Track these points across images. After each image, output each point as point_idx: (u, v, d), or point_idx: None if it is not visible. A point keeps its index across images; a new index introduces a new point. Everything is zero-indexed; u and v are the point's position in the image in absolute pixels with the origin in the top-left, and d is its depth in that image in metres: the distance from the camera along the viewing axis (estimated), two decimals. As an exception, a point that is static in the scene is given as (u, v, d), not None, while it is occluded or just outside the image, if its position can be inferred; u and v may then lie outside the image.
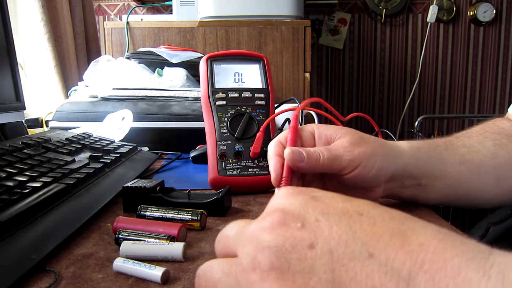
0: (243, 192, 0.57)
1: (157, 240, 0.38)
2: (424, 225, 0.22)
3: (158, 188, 0.50)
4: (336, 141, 0.43)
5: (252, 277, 0.22)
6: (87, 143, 0.69)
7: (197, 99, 0.95)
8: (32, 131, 0.89)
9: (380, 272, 0.20)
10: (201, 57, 0.79)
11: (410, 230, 0.22)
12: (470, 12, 2.45)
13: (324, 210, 0.23)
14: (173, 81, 1.05)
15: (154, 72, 1.10)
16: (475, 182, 0.49)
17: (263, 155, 0.59)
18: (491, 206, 0.53)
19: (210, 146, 0.59)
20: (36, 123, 0.95)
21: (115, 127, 0.85)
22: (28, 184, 0.44)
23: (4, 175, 0.45)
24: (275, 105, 0.72)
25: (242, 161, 0.58)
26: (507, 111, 0.62)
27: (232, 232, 0.25)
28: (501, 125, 0.56)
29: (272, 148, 0.43)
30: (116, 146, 0.71)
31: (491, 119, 0.58)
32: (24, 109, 0.75)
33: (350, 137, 0.43)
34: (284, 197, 0.25)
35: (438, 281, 0.19)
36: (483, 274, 0.19)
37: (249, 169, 0.58)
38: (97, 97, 0.97)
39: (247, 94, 0.63)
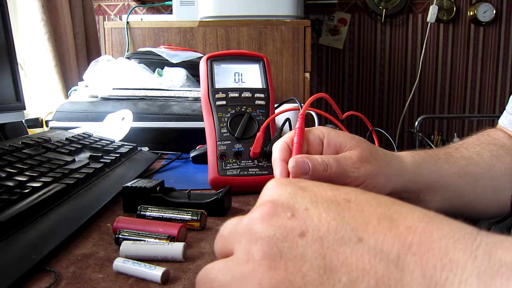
0: (243, 192, 0.57)
1: (157, 240, 0.38)
2: (411, 208, 0.23)
3: (158, 188, 0.50)
4: (345, 151, 0.41)
5: (245, 269, 0.22)
6: (87, 143, 0.69)
7: (197, 99, 0.95)
8: (32, 131, 0.89)
9: (370, 255, 0.20)
10: (201, 57, 0.79)
11: (397, 214, 0.22)
12: (470, 12, 2.46)
13: (312, 199, 0.24)
14: (173, 81, 1.05)
15: (154, 72, 1.10)
16: (473, 194, 0.49)
17: (263, 155, 0.59)
18: (485, 218, 0.53)
19: (210, 146, 0.59)
20: (36, 123, 0.95)
21: (115, 127, 0.85)
22: (28, 184, 0.44)
23: (4, 175, 0.45)
24: (275, 105, 0.72)
25: (242, 161, 0.58)
26: (497, 123, 0.62)
27: (227, 231, 0.26)
28: (495, 135, 0.56)
29: (277, 151, 0.41)
30: (116, 146, 0.71)
31: (485, 130, 0.58)
32: (24, 109, 0.75)
33: (360, 151, 0.41)
34: (273, 189, 0.25)
35: (426, 262, 0.19)
36: (470, 255, 0.19)
37: (249, 169, 0.58)
38: (97, 97, 0.97)
39: (247, 94, 0.63)
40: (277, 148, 0.41)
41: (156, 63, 1.14)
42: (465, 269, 0.19)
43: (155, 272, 0.33)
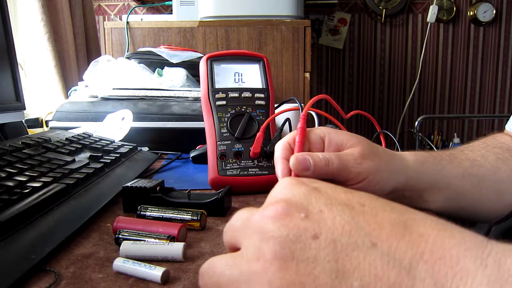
0: (243, 192, 0.57)
1: (157, 240, 0.38)
2: (424, 216, 0.23)
3: (158, 188, 0.50)
4: (347, 149, 0.42)
5: (255, 267, 0.22)
6: (87, 143, 0.68)
7: (197, 99, 0.95)
8: (32, 131, 0.89)
9: (383, 261, 0.20)
10: (201, 57, 0.79)
11: (410, 221, 0.22)
12: (470, 12, 2.46)
13: (327, 201, 0.24)
14: (173, 81, 1.05)
15: (154, 72, 1.10)
16: (477, 196, 0.49)
17: (263, 155, 0.59)
18: (489, 220, 0.53)
19: (210, 146, 0.59)
20: (36, 123, 0.95)
21: (115, 127, 0.85)
22: (28, 184, 0.44)
23: (4, 175, 0.45)
24: (275, 105, 0.72)
25: (242, 161, 0.58)
26: (497, 123, 0.62)
27: (238, 223, 0.25)
28: (502, 139, 0.56)
29: (279, 150, 0.41)
30: (116, 146, 0.71)
31: (492, 134, 0.58)
32: (24, 109, 0.75)
33: (361, 148, 0.41)
34: (287, 188, 0.25)
35: (437, 270, 0.20)
36: (480, 263, 0.19)
37: (249, 169, 0.58)
38: (97, 97, 0.97)
39: (247, 94, 0.63)
40: (279, 147, 0.42)
41: (156, 63, 1.14)
42: (475, 278, 0.19)
43: (155, 272, 0.33)
